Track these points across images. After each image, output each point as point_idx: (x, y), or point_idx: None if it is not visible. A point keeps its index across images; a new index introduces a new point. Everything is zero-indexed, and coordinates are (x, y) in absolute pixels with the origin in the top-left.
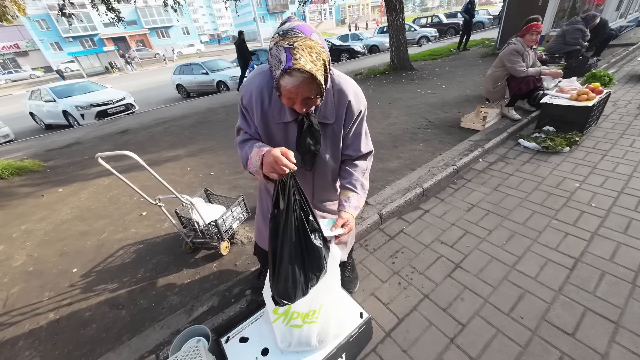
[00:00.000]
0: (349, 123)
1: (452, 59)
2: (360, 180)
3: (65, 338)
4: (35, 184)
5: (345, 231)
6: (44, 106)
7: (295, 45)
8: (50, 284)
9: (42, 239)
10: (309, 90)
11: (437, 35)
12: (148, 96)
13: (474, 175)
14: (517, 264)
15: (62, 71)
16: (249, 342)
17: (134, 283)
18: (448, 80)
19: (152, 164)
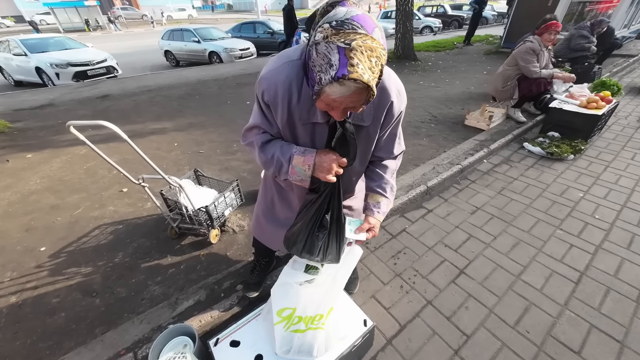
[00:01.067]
0: (387, 125)
1: (455, 53)
2: (390, 183)
3: (29, 327)
4: (0, 146)
5: (369, 236)
6: (13, 60)
7: (353, 46)
8: (14, 262)
9: (5, 210)
10: (357, 101)
11: (441, 26)
12: (133, 60)
13: (478, 176)
14: (523, 274)
15: (36, 23)
16: (240, 347)
17: (111, 268)
18: (451, 75)
19: (135, 136)
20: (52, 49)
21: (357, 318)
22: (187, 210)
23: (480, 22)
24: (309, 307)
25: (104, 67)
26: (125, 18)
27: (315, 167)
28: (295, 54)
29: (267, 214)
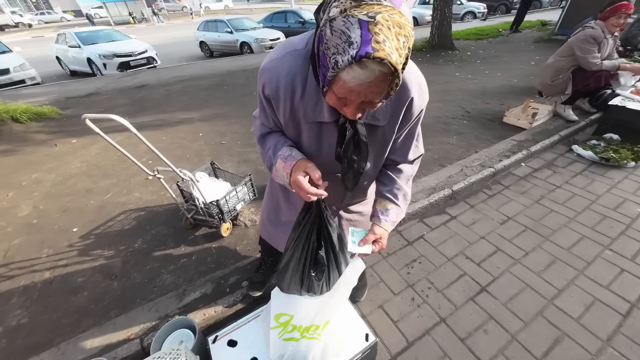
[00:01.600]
0: (405, 125)
1: (499, 41)
2: (404, 190)
3: (56, 303)
4: (50, 131)
5: (375, 249)
6: (69, 51)
7: (378, 20)
8: (50, 240)
9: (49, 191)
10: (379, 92)
11: (486, 11)
12: (171, 51)
13: (513, 181)
14: (557, 299)
15: (91, 16)
16: (237, 347)
17: (130, 253)
18: (492, 66)
19: (164, 125)
20: (101, 41)
21: (359, 331)
22: (200, 203)
23: (532, 6)
24: (305, 317)
25: (144, 58)
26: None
27: (292, 175)
28: (301, 43)
29: (273, 215)
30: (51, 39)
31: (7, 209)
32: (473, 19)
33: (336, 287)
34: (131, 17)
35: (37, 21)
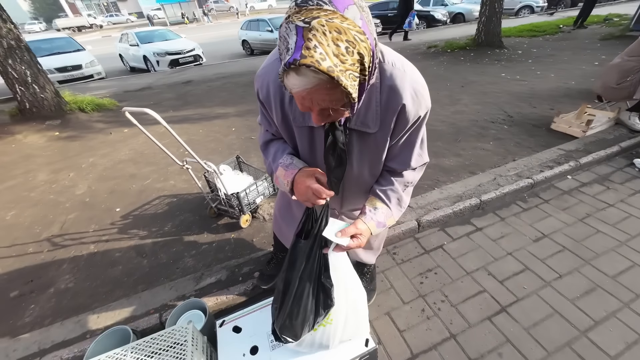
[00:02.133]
0: (399, 132)
1: (558, 38)
2: (399, 194)
3: (96, 272)
4: (108, 121)
5: (352, 245)
6: (129, 49)
7: (313, 25)
8: (97, 217)
9: (101, 174)
10: (328, 100)
11: (545, 5)
12: (216, 49)
13: (555, 195)
14: (592, 331)
15: (151, 17)
16: (241, 334)
17: (160, 235)
18: (546, 66)
19: (202, 119)
20: (156, 40)
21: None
22: (222, 194)
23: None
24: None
25: (192, 56)
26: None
27: (294, 186)
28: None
29: (284, 212)
30: (116, 38)
31: (68, 187)
32: (530, 13)
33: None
34: (184, 17)
35: (107, 22)
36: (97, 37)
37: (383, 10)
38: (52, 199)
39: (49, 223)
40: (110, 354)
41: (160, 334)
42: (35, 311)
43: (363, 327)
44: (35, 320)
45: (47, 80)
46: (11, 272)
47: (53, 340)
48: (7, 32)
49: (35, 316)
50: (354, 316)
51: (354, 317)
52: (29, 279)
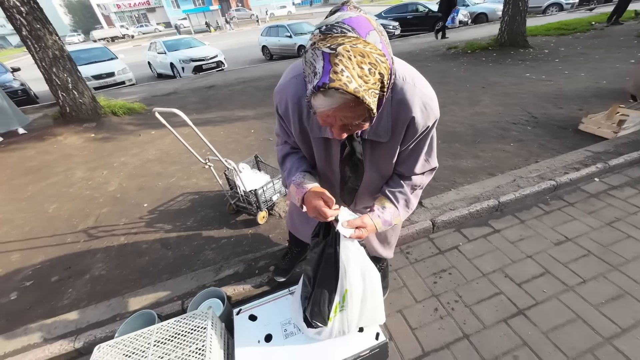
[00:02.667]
0: (408, 140)
1: (590, 36)
2: (407, 196)
3: (126, 262)
4: (137, 123)
5: (354, 235)
6: (157, 57)
7: (339, 51)
8: (127, 212)
9: (130, 172)
10: (353, 116)
11: (576, 2)
12: (237, 55)
13: (581, 198)
14: (617, 339)
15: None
16: (256, 322)
17: (183, 229)
18: (575, 65)
19: (223, 121)
20: (182, 48)
21: (370, 329)
22: (240, 190)
23: None
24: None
25: (214, 62)
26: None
27: (304, 202)
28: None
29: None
30: (146, 47)
31: (101, 184)
32: (559, 11)
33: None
34: (208, 26)
35: (137, 33)
36: (129, 47)
37: (402, 12)
38: (88, 194)
39: (85, 216)
40: (138, 333)
41: (183, 317)
42: (72, 294)
43: (379, 313)
44: (72, 303)
45: (85, 87)
46: (52, 259)
47: (88, 320)
48: (53, 43)
49: (72, 299)
50: (371, 301)
51: (371, 302)
52: (68, 265)
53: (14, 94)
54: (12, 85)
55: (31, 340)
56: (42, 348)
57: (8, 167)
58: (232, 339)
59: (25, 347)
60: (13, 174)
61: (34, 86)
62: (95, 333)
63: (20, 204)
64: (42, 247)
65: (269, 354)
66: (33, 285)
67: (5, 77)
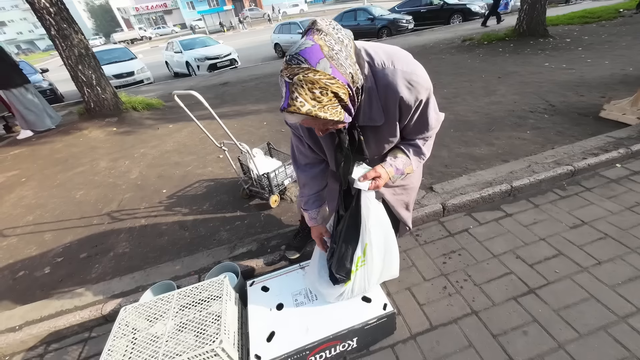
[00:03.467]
0: (406, 116)
1: (617, 24)
2: (418, 146)
3: (147, 241)
4: (156, 118)
5: (371, 186)
6: (174, 56)
7: (294, 81)
8: (147, 197)
9: (150, 162)
10: (320, 124)
11: None
12: (250, 54)
13: (600, 183)
14: (633, 317)
15: (193, 27)
16: (268, 293)
17: (199, 213)
18: (600, 53)
19: (237, 115)
20: (197, 47)
21: (378, 300)
22: (253, 174)
23: None
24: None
25: (228, 60)
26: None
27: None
28: None
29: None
30: (163, 48)
31: (124, 173)
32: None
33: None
34: (222, 26)
35: (155, 34)
36: (147, 48)
37: (416, 6)
38: (111, 182)
39: (109, 201)
40: (160, 297)
41: (201, 284)
42: (99, 269)
43: (394, 267)
44: (99, 276)
45: (108, 83)
46: (81, 238)
47: (114, 291)
48: (78, 41)
49: (99, 273)
50: (388, 255)
51: (388, 256)
52: (94, 244)
53: (43, 93)
54: (41, 85)
55: (63, 307)
56: (73, 314)
57: (39, 158)
58: (245, 309)
59: (58, 312)
60: (44, 164)
61: (60, 87)
62: (120, 301)
63: (51, 190)
64: (71, 228)
65: (280, 320)
66: (64, 261)
67: (36, 78)
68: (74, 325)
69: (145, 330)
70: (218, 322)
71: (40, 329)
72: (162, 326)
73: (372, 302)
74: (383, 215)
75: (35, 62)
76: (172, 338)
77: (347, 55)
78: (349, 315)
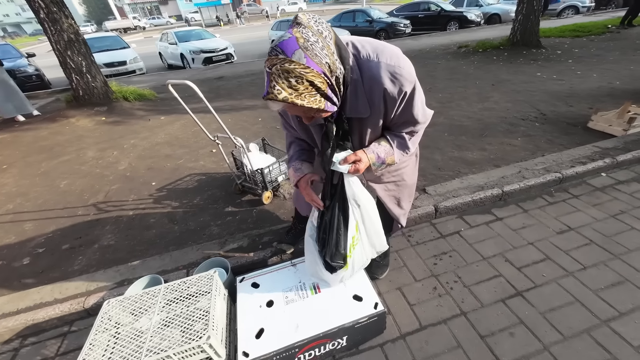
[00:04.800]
0: (392, 109)
1: (605, 39)
2: (403, 139)
3: (134, 234)
4: (147, 109)
5: (351, 170)
6: (168, 48)
7: (272, 71)
8: (136, 189)
9: (140, 153)
10: (301, 112)
11: (593, 5)
12: (247, 49)
13: (586, 191)
14: (615, 321)
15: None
16: (259, 289)
17: (190, 207)
18: (589, 66)
19: (232, 110)
20: (193, 39)
21: (369, 299)
22: (247, 169)
23: None
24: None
25: (224, 54)
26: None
27: (298, 185)
28: None
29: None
30: (157, 38)
31: (112, 163)
32: (575, 14)
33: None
34: (219, 20)
35: (149, 24)
36: (140, 38)
37: (414, 11)
38: (98, 172)
39: (95, 192)
40: (146, 291)
41: (189, 278)
42: (82, 261)
43: (382, 240)
44: (82, 268)
45: (98, 71)
46: (64, 229)
47: (97, 284)
48: (68, 26)
49: (82, 265)
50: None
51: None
52: (78, 235)
53: (28, 78)
54: (26, 70)
55: (43, 299)
56: (53, 306)
57: (23, 145)
58: (234, 305)
59: (37, 305)
60: (28, 151)
61: (48, 73)
62: (104, 295)
63: (34, 179)
64: (54, 218)
65: (270, 317)
66: (45, 252)
67: (21, 62)
68: (54, 318)
69: (130, 325)
70: (206, 317)
71: (16, 322)
72: (147, 321)
73: (363, 301)
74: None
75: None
76: (157, 333)
77: (323, 46)
78: (340, 313)
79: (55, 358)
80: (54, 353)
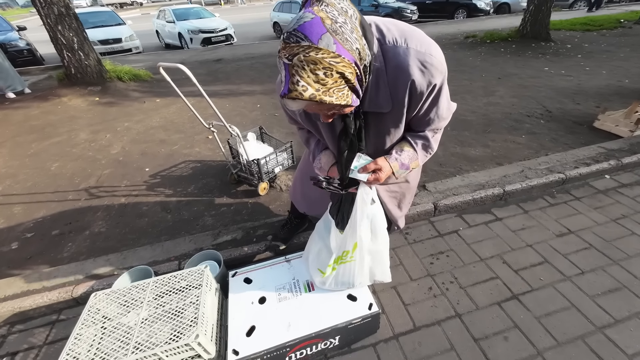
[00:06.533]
0: (416, 105)
1: (617, 34)
2: (427, 140)
3: (126, 221)
4: (143, 90)
5: (370, 178)
6: (165, 26)
7: (294, 62)
8: (129, 175)
9: (134, 137)
10: (323, 109)
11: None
12: (247, 31)
13: (588, 193)
14: (610, 328)
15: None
16: (251, 285)
17: (184, 195)
18: (598, 62)
19: (229, 94)
20: (191, 18)
21: (364, 300)
22: (243, 159)
23: None
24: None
25: (223, 35)
26: None
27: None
28: None
29: (304, 179)
30: (154, 15)
31: (105, 147)
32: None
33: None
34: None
35: (147, 0)
36: (137, 14)
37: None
38: (90, 155)
39: (87, 176)
40: (135, 284)
41: (180, 272)
42: (72, 248)
43: (386, 270)
44: (72, 256)
45: (91, 49)
46: (54, 214)
47: (86, 272)
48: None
49: (72, 252)
50: (378, 256)
51: (379, 258)
52: (68, 221)
53: (20, 53)
54: (17, 45)
55: (30, 287)
56: (41, 294)
57: (12, 124)
58: (226, 299)
59: (24, 292)
60: (17, 131)
61: (40, 48)
62: (93, 284)
63: (23, 160)
64: (44, 202)
65: (262, 314)
66: (34, 237)
67: (11, 36)
68: (42, 306)
69: (117, 319)
70: (196, 313)
71: (3, 309)
72: (136, 315)
73: (357, 301)
74: (380, 217)
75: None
76: (145, 329)
77: (352, 28)
78: (333, 312)
79: (44, 346)
80: (42, 341)
